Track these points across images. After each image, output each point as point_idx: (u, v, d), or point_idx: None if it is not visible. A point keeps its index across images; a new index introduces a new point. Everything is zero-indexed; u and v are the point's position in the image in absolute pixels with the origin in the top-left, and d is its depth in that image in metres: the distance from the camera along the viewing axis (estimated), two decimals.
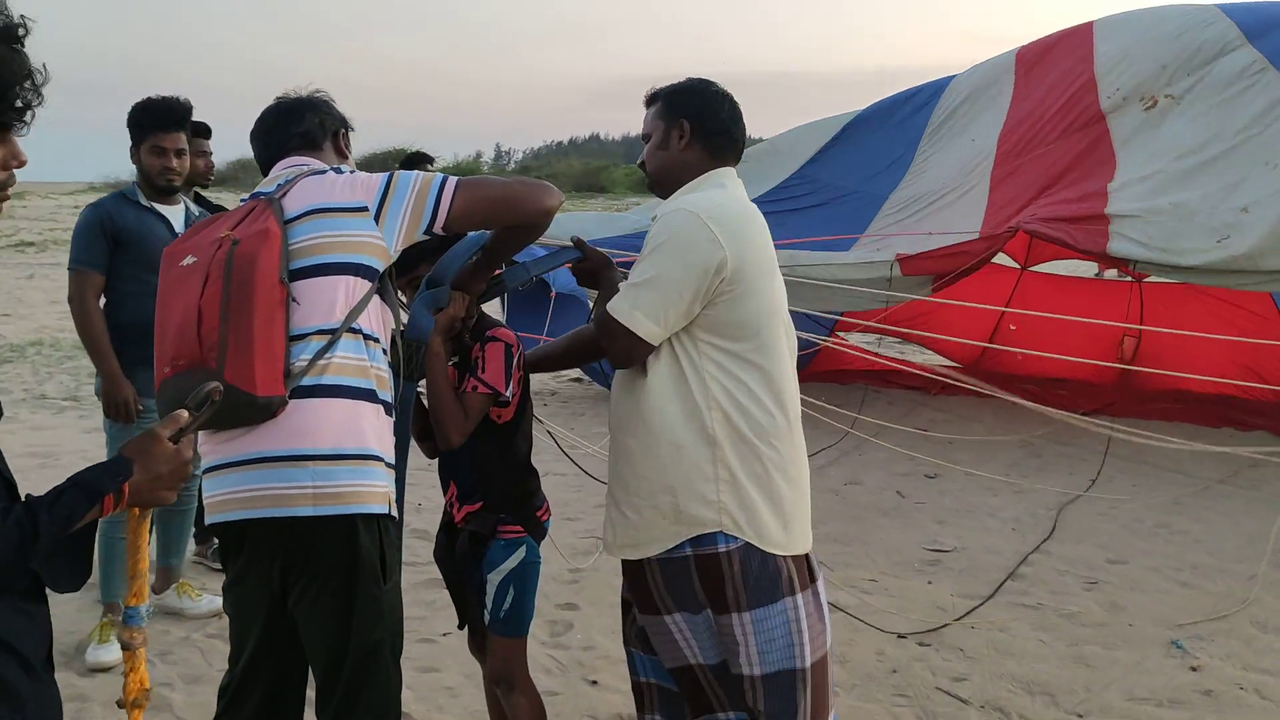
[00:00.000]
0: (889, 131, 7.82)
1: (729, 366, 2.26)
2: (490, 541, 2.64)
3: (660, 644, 2.40)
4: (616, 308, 2.24)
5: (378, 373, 2.18)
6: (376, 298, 2.20)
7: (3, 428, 7.13)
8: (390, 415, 2.23)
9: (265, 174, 2.38)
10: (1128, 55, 6.81)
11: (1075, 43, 7.29)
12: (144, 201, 3.77)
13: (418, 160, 9.52)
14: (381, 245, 2.18)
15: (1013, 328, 7.72)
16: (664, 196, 2.48)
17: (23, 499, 1.48)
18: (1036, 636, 4.06)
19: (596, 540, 4.68)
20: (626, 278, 2.50)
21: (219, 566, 4.55)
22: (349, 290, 2.13)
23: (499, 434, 2.63)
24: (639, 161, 2.55)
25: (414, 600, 3.93)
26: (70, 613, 4.03)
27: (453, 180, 2.23)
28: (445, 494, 2.71)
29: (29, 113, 1.54)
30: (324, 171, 2.26)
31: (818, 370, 8.10)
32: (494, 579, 2.64)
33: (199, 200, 4.64)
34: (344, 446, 2.09)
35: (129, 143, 3.77)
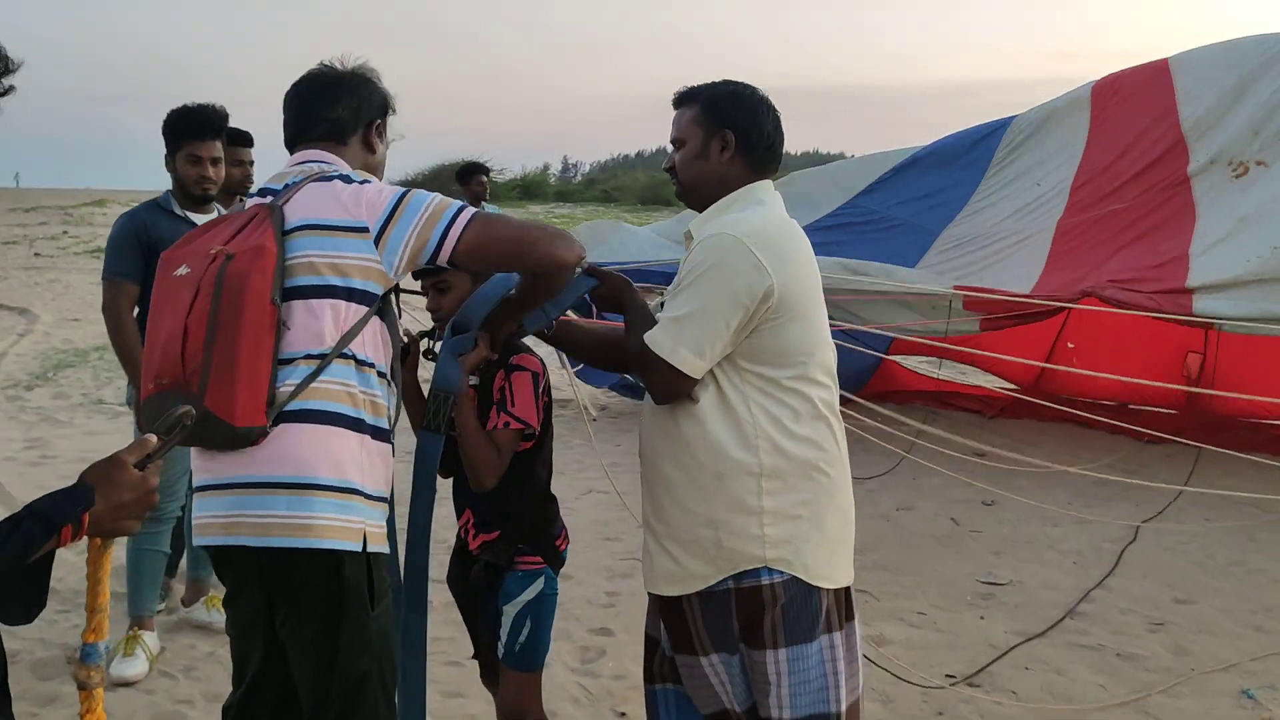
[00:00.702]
0: (949, 166, 7.55)
1: (774, 393, 2.14)
2: (506, 572, 2.53)
3: (695, 688, 2.28)
4: (658, 343, 2.11)
5: (371, 399, 2.07)
6: (376, 319, 2.08)
7: (57, 433, 7.24)
8: (384, 442, 2.11)
9: (290, 149, 2.28)
10: (1216, 115, 6.51)
11: (1154, 87, 6.94)
12: (178, 210, 3.73)
13: (473, 170, 9.48)
14: (379, 270, 2.05)
15: (1070, 345, 7.41)
16: (697, 209, 2.34)
17: None
18: (1096, 681, 3.83)
19: (636, 562, 4.55)
20: (649, 298, 2.37)
21: None
22: (340, 314, 2.02)
23: (519, 462, 2.51)
24: (666, 166, 2.39)
25: (444, 620, 3.82)
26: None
27: (469, 211, 2.09)
28: (459, 519, 2.60)
29: None
30: (332, 178, 2.11)
31: (873, 390, 7.88)
32: (510, 611, 2.52)
33: None
34: (320, 476, 1.98)
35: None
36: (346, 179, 2.11)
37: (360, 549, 2.02)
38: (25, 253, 20.25)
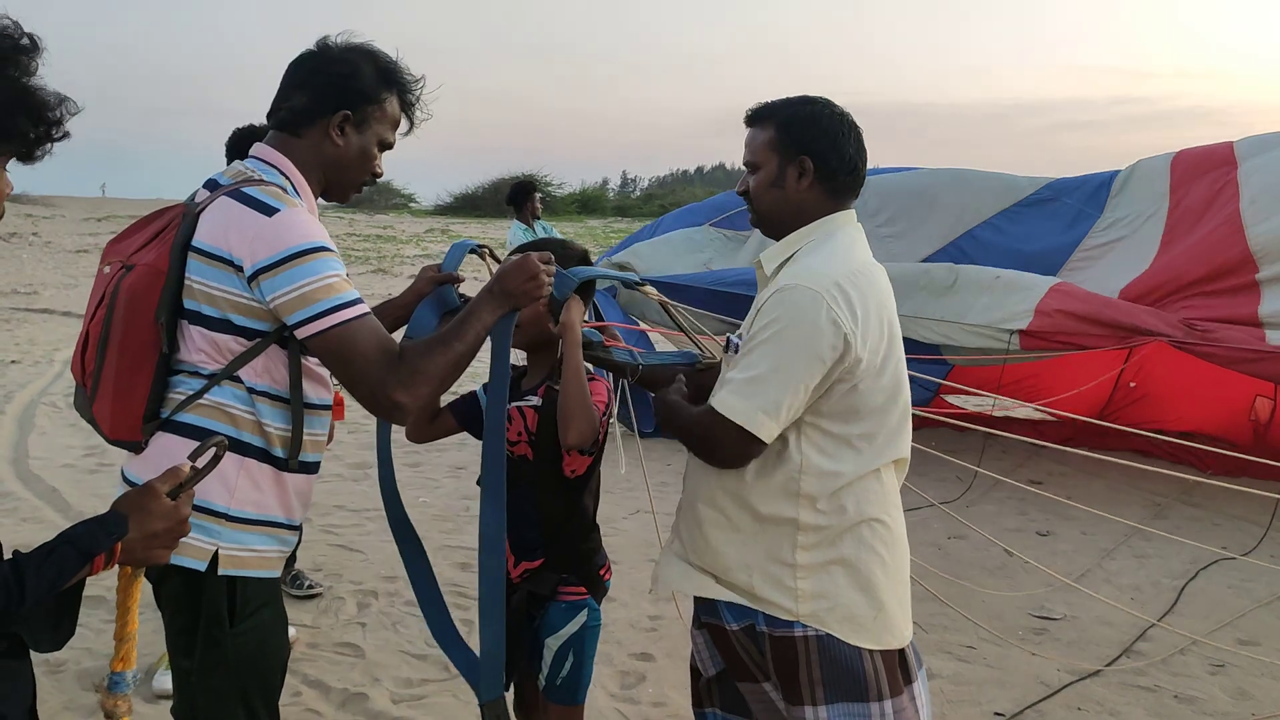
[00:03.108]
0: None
1: (829, 449, 2.03)
2: (549, 602, 2.49)
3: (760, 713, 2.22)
4: (731, 407, 1.98)
5: (259, 423, 1.97)
6: (276, 348, 1.97)
7: None
8: (274, 467, 2.00)
9: None
10: None
11: (1223, 186, 6.70)
12: None
13: (527, 188, 9.59)
14: (259, 307, 1.92)
15: (1132, 385, 7.21)
16: (772, 236, 2.21)
17: (10, 554, 1.40)
18: None
19: None
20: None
21: (298, 593, 4.54)
22: (220, 344, 1.94)
23: (569, 488, 2.49)
24: (739, 190, 2.24)
25: None
26: (146, 634, 4.05)
27: (347, 312, 1.88)
28: None
29: (41, 146, 1.47)
30: (248, 195, 1.93)
31: (928, 414, 7.75)
32: (553, 644, 2.48)
33: None
34: None
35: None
36: (260, 203, 1.92)
37: (204, 568, 1.93)
38: (94, 260, 20.82)
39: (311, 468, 2.10)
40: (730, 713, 2.31)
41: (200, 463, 1.58)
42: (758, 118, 2.19)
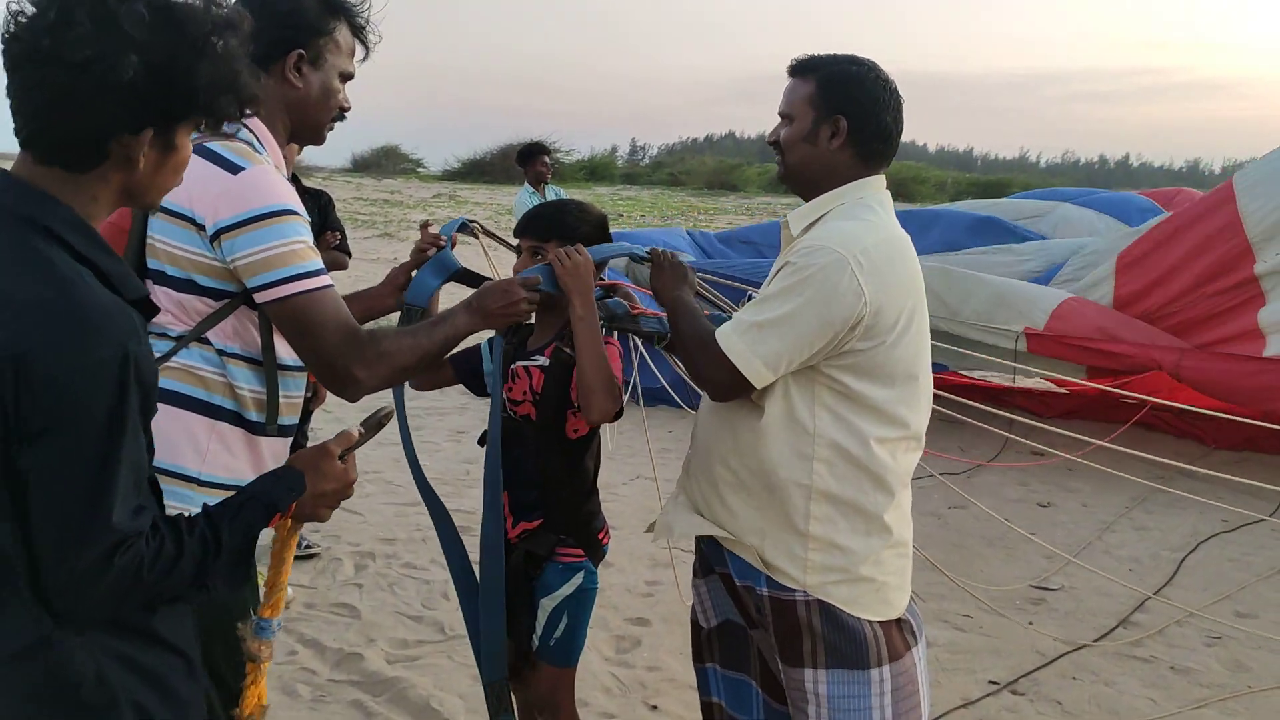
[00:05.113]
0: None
1: (845, 414, 1.99)
2: (546, 563, 2.48)
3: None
4: (732, 346, 1.97)
5: (231, 386, 1.90)
6: (245, 309, 1.89)
7: None
8: (248, 430, 1.92)
9: None
10: None
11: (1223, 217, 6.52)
12: None
13: (535, 152, 9.52)
14: (225, 269, 1.83)
15: None
16: (798, 194, 2.17)
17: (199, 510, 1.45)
18: (1146, 694, 3.70)
19: (679, 551, 4.50)
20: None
21: (295, 553, 4.55)
22: (185, 305, 1.87)
23: (571, 449, 2.47)
24: (770, 140, 2.19)
25: None
26: None
27: (314, 281, 1.82)
28: None
29: (225, 125, 1.49)
30: (213, 150, 1.83)
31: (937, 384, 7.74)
32: (547, 605, 2.47)
33: (294, 183, 4.64)
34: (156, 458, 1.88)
35: None
36: (224, 159, 1.83)
37: None
38: None
39: (288, 431, 2.03)
40: (729, 669, 2.31)
41: (367, 428, 1.66)
42: (801, 69, 2.13)
